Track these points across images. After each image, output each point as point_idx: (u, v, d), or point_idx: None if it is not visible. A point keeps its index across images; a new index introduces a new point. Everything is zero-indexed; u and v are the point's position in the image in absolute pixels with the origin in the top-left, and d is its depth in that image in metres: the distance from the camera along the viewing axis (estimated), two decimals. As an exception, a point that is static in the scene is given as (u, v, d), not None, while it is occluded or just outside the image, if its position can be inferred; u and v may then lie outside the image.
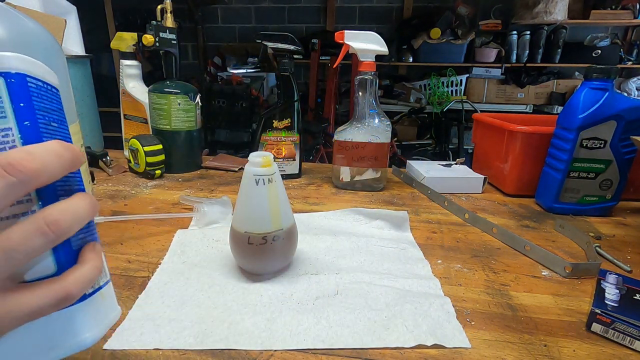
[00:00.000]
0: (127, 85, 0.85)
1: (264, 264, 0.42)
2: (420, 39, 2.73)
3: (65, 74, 0.45)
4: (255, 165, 0.39)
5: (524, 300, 0.40)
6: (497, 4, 2.72)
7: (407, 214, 0.58)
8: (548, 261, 0.47)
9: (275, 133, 0.77)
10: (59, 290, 0.19)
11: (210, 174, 0.81)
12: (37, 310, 0.18)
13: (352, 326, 0.35)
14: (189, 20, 3.05)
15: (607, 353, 0.33)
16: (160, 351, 0.31)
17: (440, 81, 2.73)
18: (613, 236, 0.57)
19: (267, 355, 0.32)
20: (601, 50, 2.63)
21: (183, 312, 0.36)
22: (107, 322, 0.22)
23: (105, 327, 0.22)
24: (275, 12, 3.10)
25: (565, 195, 0.63)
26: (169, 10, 0.76)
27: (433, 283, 0.42)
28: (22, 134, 0.19)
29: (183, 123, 0.78)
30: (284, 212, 0.41)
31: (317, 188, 0.74)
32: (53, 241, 0.18)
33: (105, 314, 0.22)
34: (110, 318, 0.22)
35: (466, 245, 0.53)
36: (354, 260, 0.47)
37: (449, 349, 0.33)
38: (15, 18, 0.38)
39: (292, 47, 0.75)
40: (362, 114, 0.71)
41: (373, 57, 0.69)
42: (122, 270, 0.43)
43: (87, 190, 0.23)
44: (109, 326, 0.22)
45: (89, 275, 0.20)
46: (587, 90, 0.58)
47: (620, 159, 0.60)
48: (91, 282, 0.20)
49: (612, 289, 0.38)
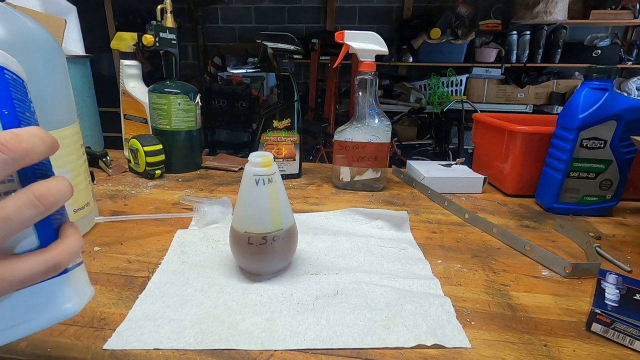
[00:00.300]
0: (127, 85, 0.85)
1: (264, 264, 0.42)
2: (420, 39, 2.73)
3: (66, 74, 0.45)
4: (255, 165, 0.39)
5: (524, 300, 0.40)
6: (497, 4, 2.72)
7: (407, 214, 0.58)
8: (548, 261, 0.47)
9: (275, 133, 0.77)
10: (49, 260, 0.21)
11: (210, 174, 0.81)
12: (29, 277, 0.20)
13: (352, 326, 0.35)
14: (189, 20, 3.05)
15: (607, 353, 0.33)
16: (160, 351, 0.31)
17: (440, 81, 2.73)
18: (613, 236, 0.57)
19: (267, 355, 0.32)
20: (601, 50, 2.63)
21: (183, 312, 0.36)
22: (85, 297, 0.24)
23: (84, 301, 0.24)
24: (275, 12, 3.10)
25: (565, 195, 0.63)
26: (169, 10, 0.76)
27: (433, 283, 0.42)
28: (2, 121, 0.20)
29: (183, 123, 0.78)
30: (284, 212, 0.41)
31: (317, 188, 0.74)
32: (42, 213, 0.20)
33: (83, 290, 0.24)
34: (88, 294, 0.24)
35: (466, 245, 0.53)
36: (354, 260, 0.47)
37: (449, 349, 0.33)
38: (16, 18, 0.38)
39: (292, 47, 0.75)
40: (362, 114, 0.71)
41: (373, 57, 0.69)
42: (122, 270, 0.43)
43: (87, 189, 0.24)
44: (87, 302, 0.24)
45: (73, 247, 0.22)
46: (587, 90, 0.58)
47: (620, 159, 0.60)
48: (76, 254, 0.23)
49: (612, 289, 0.38)
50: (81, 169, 0.50)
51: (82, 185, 0.50)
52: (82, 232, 0.44)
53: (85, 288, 0.25)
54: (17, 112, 0.21)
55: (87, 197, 0.51)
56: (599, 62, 2.57)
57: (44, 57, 0.42)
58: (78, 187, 0.49)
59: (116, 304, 0.37)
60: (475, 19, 2.69)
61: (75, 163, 0.49)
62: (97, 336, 0.33)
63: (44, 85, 0.42)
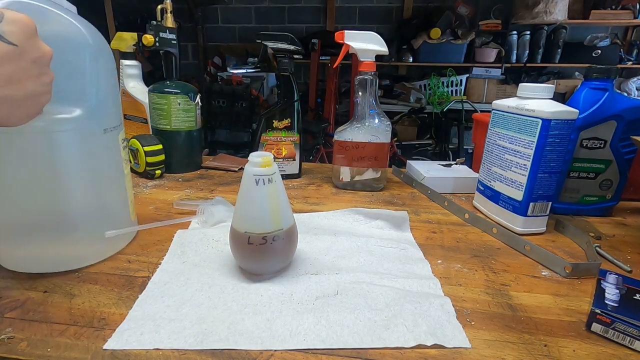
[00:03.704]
0: (127, 85, 0.85)
1: (264, 264, 0.42)
2: (420, 39, 2.73)
3: (113, 74, 0.45)
4: (255, 165, 0.39)
5: (524, 300, 0.40)
6: (497, 4, 2.72)
7: (407, 214, 0.58)
8: (548, 261, 0.47)
9: (275, 133, 0.77)
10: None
11: (210, 174, 0.81)
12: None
13: (352, 326, 0.35)
14: (189, 20, 3.05)
15: (607, 353, 0.33)
16: (160, 351, 0.31)
17: (440, 81, 2.73)
18: (613, 236, 0.57)
19: (267, 355, 0.32)
20: (601, 50, 2.63)
21: (183, 312, 0.36)
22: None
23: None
24: (275, 12, 3.10)
25: (565, 195, 0.63)
26: (169, 10, 0.76)
27: (433, 283, 0.42)
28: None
29: (183, 123, 0.78)
30: (284, 212, 0.41)
31: (317, 188, 0.75)
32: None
33: None
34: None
35: (466, 245, 0.53)
36: (354, 260, 0.47)
37: (449, 349, 0.33)
38: (66, 20, 0.39)
39: (292, 47, 0.75)
40: (362, 114, 0.71)
41: (373, 57, 0.69)
42: (122, 270, 0.43)
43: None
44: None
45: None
46: (587, 90, 0.58)
47: (620, 159, 0.60)
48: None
49: (612, 289, 0.38)
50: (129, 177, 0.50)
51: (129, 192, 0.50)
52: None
53: None
54: None
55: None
56: (599, 62, 2.57)
57: (92, 55, 0.41)
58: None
59: (116, 304, 0.37)
60: (475, 19, 2.69)
61: (127, 169, 0.49)
62: (97, 336, 0.33)
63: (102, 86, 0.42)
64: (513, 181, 0.56)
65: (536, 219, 0.56)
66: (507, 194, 0.57)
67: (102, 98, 0.42)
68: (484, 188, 0.63)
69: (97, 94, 0.41)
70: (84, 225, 0.43)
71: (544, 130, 0.51)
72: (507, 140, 0.57)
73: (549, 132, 0.51)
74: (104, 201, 0.45)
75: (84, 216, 0.43)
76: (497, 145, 0.59)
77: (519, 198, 0.55)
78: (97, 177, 0.43)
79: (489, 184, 0.61)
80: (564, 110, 0.51)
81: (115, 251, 0.47)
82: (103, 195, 0.45)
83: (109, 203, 0.46)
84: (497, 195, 0.59)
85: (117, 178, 0.47)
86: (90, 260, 0.44)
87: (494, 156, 0.60)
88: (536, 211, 0.55)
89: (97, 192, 0.44)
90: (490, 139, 0.61)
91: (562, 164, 0.54)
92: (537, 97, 0.54)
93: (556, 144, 0.52)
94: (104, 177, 0.44)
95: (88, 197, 0.43)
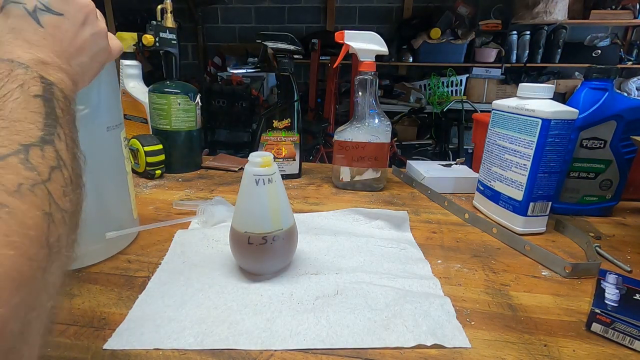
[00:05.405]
0: (127, 85, 0.85)
1: (264, 264, 0.42)
2: (420, 39, 2.73)
3: (114, 73, 0.46)
4: (255, 165, 0.39)
5: (524, 300, 0.40)
6: (497, 4, 2.72)
7: (407, 214, 0.58)
8: (548, 261, 0.47)
9: (275, 133, 0.77)
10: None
11: (210, 174, 0.81)
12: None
13: (352, 326, 0.35)
14: (189, 20, 3.05)
15: (607, 353, 0.33)
16: (161, 351, 0.31)
17: (440, 81, 2.73)
18: (613, 236, 0.57)
19: (267, 355, 0.32)
20: (601, 50, 2.63)
21: (183, 312, 0.36)
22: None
23: None
24: (275, 12, 3.10)
25: (565, 195, 0.63)
26: (169, 10, 0.76)
27: (433, 283, 0.42)
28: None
29: (183, 123, 0.78)
30: (284, 212, 0.41)
31: (317, 188, 0.75)
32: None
33: None
34: None
35: (466, 245, 0.53)
36: (354, 260, 0.47)
37: (449, 348, 0.33)
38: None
39: (292, 47, 0.74)
40: (362, 114, 0.71)
41: (373, 57, 0.69)
42: (122, 270, 0.43)
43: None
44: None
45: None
46: (587, 90, 0.58)
47: (620, 159, 0.60)
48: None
49: (612, 288, 0.38)
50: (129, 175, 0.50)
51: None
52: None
53: None
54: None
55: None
56: (599, 62, 2.57)
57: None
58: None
59: (116, 304, 0.37)
60: (475, 19, 2.69)
61: (128, 167, 0.49)
62: (97, 336, 0.33)
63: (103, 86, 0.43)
64: (513, 181, 0.56)
65: (536, 219, 0.56)
66: (507, 194, 0.57)
67: (105, 96, 0.43)
68: (484, 188, 0.63)
69: (99, 92, 0.42)
70: (85, 225, 0.43)
71: (544, 130, 0.51)
72: (507, 140, 0.57)
73: (549, 132, 0.51)
74: (106, 200, 0.45)
75: (86, 215, 0.42)
76: (497, 145, 0.59)
77: (519, 198, 0.55)
78: (100, 175, 0.44)
79: (489, 184, 0.61)
80: (564, 110, 0.51)
81: (115, 251, 0.47)
82: (105, 193, 0.45)
83: (111, 201, 0.46)
84: (497, 195, 0.59)
85: (119, 176, 0.47)
86: (91, 260, 0.44)
87: (494, 156, 0.60)
88: (536, 211, 0.55)
89: (99, 191, 0.44)
90: (490, 139, 0.61)
91: (562, 164, 0.54)
92: (537, 97, 0.54)
93: (556, 144, 0.52)
94: (107, 175, 0.45)
95: (91, 196, 0.43)
